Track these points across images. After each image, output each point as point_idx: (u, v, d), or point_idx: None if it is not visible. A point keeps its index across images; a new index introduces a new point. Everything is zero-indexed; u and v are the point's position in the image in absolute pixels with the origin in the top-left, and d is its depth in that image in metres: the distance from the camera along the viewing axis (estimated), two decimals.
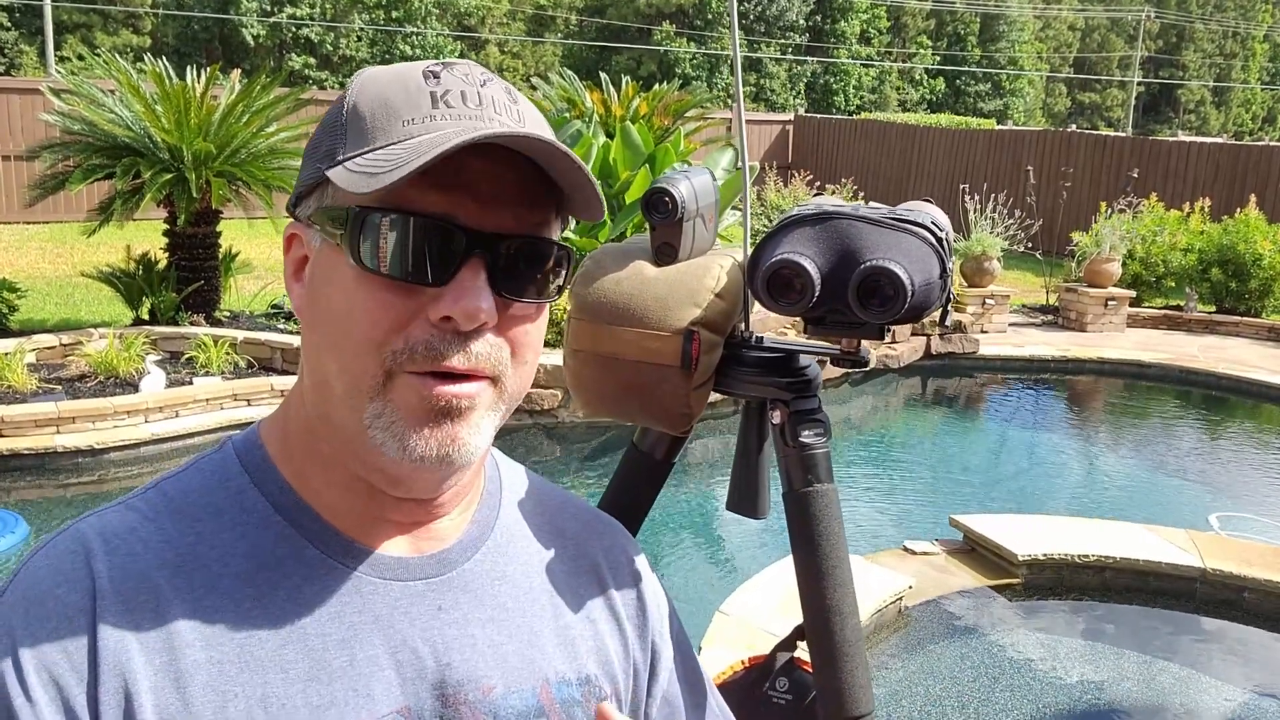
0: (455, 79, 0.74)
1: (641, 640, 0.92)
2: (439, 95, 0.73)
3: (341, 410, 0.74)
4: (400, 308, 0.71)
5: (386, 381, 0.72)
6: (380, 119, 0.72)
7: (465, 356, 0.71)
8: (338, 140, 0.74)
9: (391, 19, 36.40)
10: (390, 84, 0.74)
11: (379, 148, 0.71)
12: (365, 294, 0.71)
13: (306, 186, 0.76)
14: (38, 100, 13.06)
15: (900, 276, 0.99)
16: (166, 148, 7.47)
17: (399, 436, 0.71)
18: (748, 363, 1.18)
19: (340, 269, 0.72)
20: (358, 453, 0.74)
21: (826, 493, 1.14)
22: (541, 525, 0.90)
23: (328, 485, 0.77)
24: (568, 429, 6.94)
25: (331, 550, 0.76)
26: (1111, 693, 4.01)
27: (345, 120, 0.74)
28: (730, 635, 3.76)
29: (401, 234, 0.70)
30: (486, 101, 0.73)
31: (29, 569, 0.72)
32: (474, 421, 0.73)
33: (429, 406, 0.71)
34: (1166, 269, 11.63)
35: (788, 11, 42.94)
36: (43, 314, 8.88)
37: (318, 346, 0.75)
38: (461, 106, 0.72)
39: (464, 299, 0.70)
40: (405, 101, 0.73)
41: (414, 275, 0.70)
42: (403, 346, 0.71)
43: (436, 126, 0.71)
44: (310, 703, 0.71)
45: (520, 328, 0.76)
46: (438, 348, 0.71)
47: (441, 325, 0.71)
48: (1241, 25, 57.73)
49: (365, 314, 0.71)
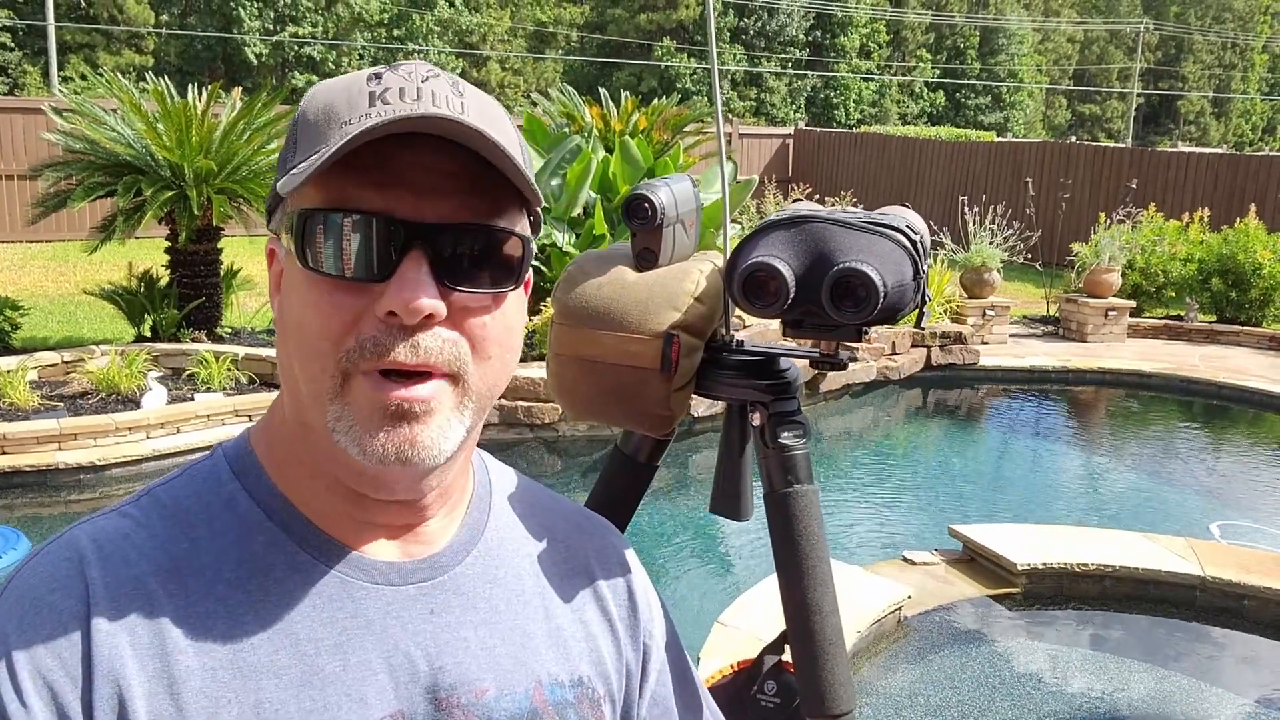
0: (397, 77, 0.73)
1: (633, 640, 0.92)
2: (377, 94, 0.72)
3: (312, 414, 0.74)
4: (350, 307, 0.71)
5: (344, 383, 0.72)
6: (321, 124, 0.72)
7: (412, 351, 0.71)
8: (289, 151, 0.75)
9: (393, 37, 36.56)
10: (335, 90, 0.74)
11: (315, 151, 0.71)
12: (316, 296, 0.72)
13: (273, 198, 0.77)
14: (40, 120, 13.10)
15: (872, 278, 1.00)
16: (168, 165, 7.50)
17: (357, 440, 0.72)
18: (728, 366, 1.19)
19: (296, 275, 0.73)
20: (331, 455, 0.75)
21: (806, 493, 1.15)
22: (532, 527, 0.91)
23: (313, 490, 0.78)
24: (568, 442, 6.94)
25: (323, 555, 0.76)
26: (1112, 702, 4.00)
27: (296, 130, 0.75)
28: (729, 646, 3.75)
29: (341, 233, 0.70)
30: (425, 95, 0.72)
31: (23, 575, 0.72)
32: (436, 424, 0.73)
33: (383, 409, 0.71)
34: (1166, 279, 11.62)
35: (788, 26, 43.09)
36: (45, 331, 8.91)
37: (287, 354, 0.75)
38: (398, 102, 0.71)
39: (404, 291, 0.69)
40: (345, 104, 0.72)
41: (357, 273, 0.71)
42: (354, 344, 0.71)
43: (368, 123, 0.70)
44: (303, 708, 0.72)
45: (476, 319, 0.74)
46: (384, 343, 0.70)
47: (388, 320, 0.70)
48: (1240, 36, 57.83)
49: (318, 316, 0.72)
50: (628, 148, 8.68)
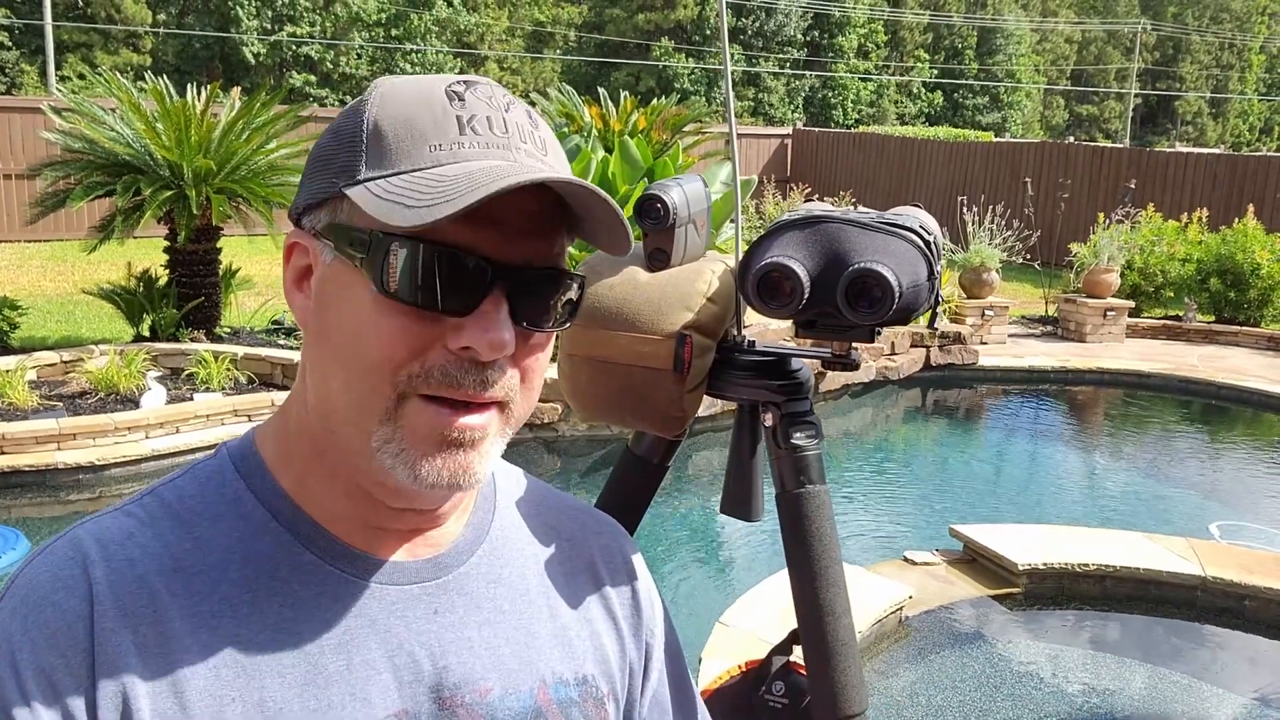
0: (479, 102, 0.73)
1: (636, 639, 0.92)
2: (465, 121, 0.72)
3: (348, 428, 0.73)
4: (419, 334, 0.71)
5: (398, 404, 0.71)
6: (405, 141, 0.71)
7: (481, 385, 0.72)
8: (356, 157, 0.72)
9: (391, 37, 36.53)
10: (413, 103, 0.73)
11: (405, 173, 0.70)
12: (383, 317, 0.71)
13: (317, 199, 0.75)
14: (38, 119, 13.11)
15: (888, 278, 1.00)
16: (167, 165, 7.49)
17: (409, 464, 0.72)
18: (740, 366, 1.19)
19: (355, 289, 0.72)
20: (365, 470, 0.75)
21: (818, 494, 1.15)
22: (537, 526, 0.91)
23: (329, 493, 0.77)
24: (568, 442, 6.94)
25: (327, 555, 0.76)
26: (1113, 701, 4.00)
27: (365, 136, 0.72)
28: (731, 646, 3.75)
29: (427, 263, 0.69)
30: (512, 129, 0.73)
31: (26, 575, 0.72)
32: (484, 450, 0.74)
33: (441, 437, 0.72)
34: (1165, 279, 11.64)
35: (786, 26, 43.12)
36: (44, 331, 8.89)
37: (324, 362, 0.74)
38: (488, 134, 0.72)
39: (490, 331, 0.70)
40: (431, 125, 0.72)
41: (439, 304, 0.70)
42: (419, 370, 0.71)
43: (465, 155, 0.71)
44: (307, 707, 0.72)
45: (533, 356, 0.76)
46: (454, 375, 0.71)
47: (460, 354, 0.71)
48: (1238, 37, 57.92)
49: (381, 337, 0.71)
50: (627, 147, 8.67)
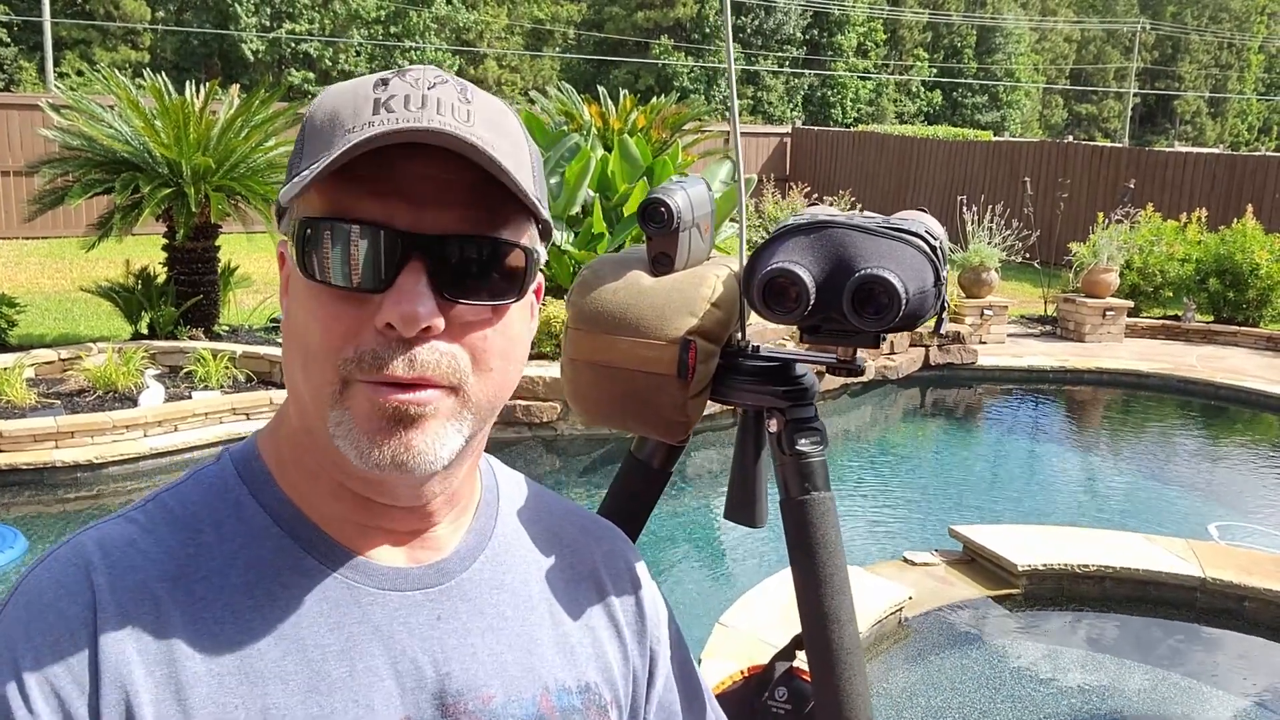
0: (404, 84, 0.72)
1: (640, 646, 0.92)
2: (382, 101, 0.71)
3: (314, 420, 0.74)
4: (349, 317, 0.71)
5: (344, 389, 0.71)
6: (326, 130, 0.72)
7: (409, 365, 0.70)
8: (296, 157, 0.74)
9: (390, 34, 36.50)
10: (341, 95, 0.74)
11: (319, 159, 0.70)
12: (317, 304, 0.72)
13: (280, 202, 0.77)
14: (37, 116, 13.08)
15: (894, 284, 1.00)
16: (165, 162, 7.48)
17: (356, 444, 0.71)
18: (744, 372, 1.18)
19: (298, 282, 0.73)
20: (334, 460, 0.75)
21: (823, 501, 1.14)
22: (540, 533, 0.90)
23: (320, 496, 0.77)
24: (566, 442, 6.93)
25: (330, 561, 0.76)
26: (1112, 702, 4.00)
27: (304, 135, 0.74)
28: (730, 647, 3.75)
29: (340, 242, 0.70)
30: (430, 103, 0.71)
31: (29, 582, 0.72)
32: (432, 430, 0.72)
33: (380, 413, 0.70)
34: (1164, 279, 11.64)
35: (785, 25, 43.10)
36: (41, 329, 8.88)
37: (290, 360, 0.75)
38: (402, 110, 0.70)
39: (402, 303, 0.69)
40: (350, 111, 0.72)
41: (355, 283, 0.70)
42: (353, 355, 0.70)
43: (370, 131, 0.69)
44: (310, 714, 0.72)
45: (476, 333, 0.73)
46: (381, 356, 0.70)
47: (386, 332, 0.70)
48: (1237, 37, 57.94)
49: (319, 324, 0.71)
50: (626, 146, 8.67)
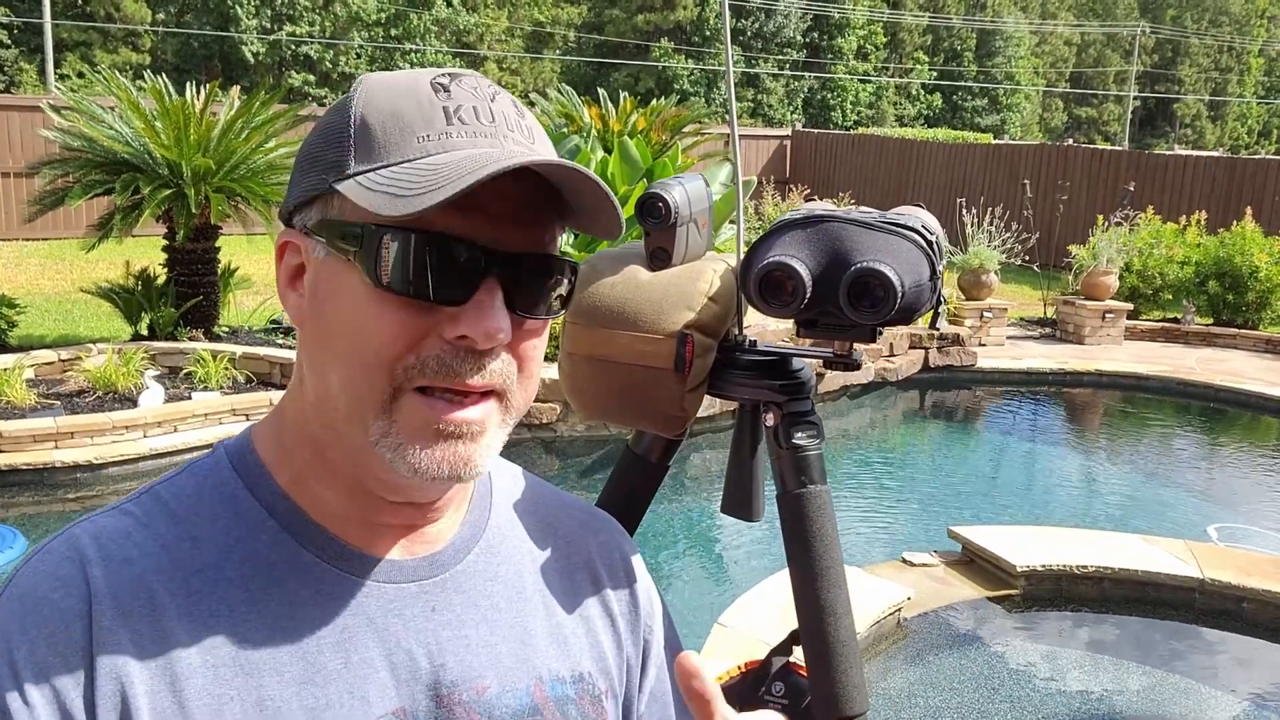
0: (465, 93, 0.74)
1: (634, 636, 0.92)
2: (452, 111, 0.72)
3: (347, 424, 0.74)
4: (415, 325, 0.71)
5: (394, 398, 0.72)
6: (393, 134, 0.72)
7: (480, 375, 0.72)
8: (345, 152, 0.73)
9: (390, 36, 36.53)
10: (400, 96, 0.73)
11: (394, 164, 0.70)
12: (379, 310, 0.71)
13: (307, 196, 0.75)
14: (37, 118, 13.10)
15: (890, 278, 1.00)
16: (166, 163, 7.49)
17: (406, 457, 0.72)
18: (741, 366, 1.19)
19: (349, 283, 0.72)
20: (365, 464, 0.75)
21: (820, 494, 1.15)
22: (534, 524, 0.90)
23: (330, 490, 0.77)
24: (566, 443, 6.94)
25: (325, 554, 0.76)
26: (1111, 703, 4.00)
27: (353, 131, 0.73)
28: (729, 647, 3.75)
29: (420, 253, 0.70)
30: (499, 118, 0.74)
31: (25, 574, 0.72)
32: (485, 442, 0.74)
33: (435, 429, 0.72)
34: (1164, 282, 11.65)
35: (785, 28, 43.13)
36: (42, 330, 8.88)
37: (321, 360, 0.74)
38: (475, 123, 0.72)
39: (485, 319, 0.70)
40: (418, 116, 0.72)
41: (431, 294, 0.70)
42: (414, 362, 0.71)
43: (454, 145, 0.71)
44: (305, 705, 0.72)
45: (529, 343, 0.76)
46: (451, 365, 0.71)
47: (456, 343, 0.71)
48: (1237, 40, 57.98)
49: (379, 330, 0.71)
50: (626, 148, 8.68)
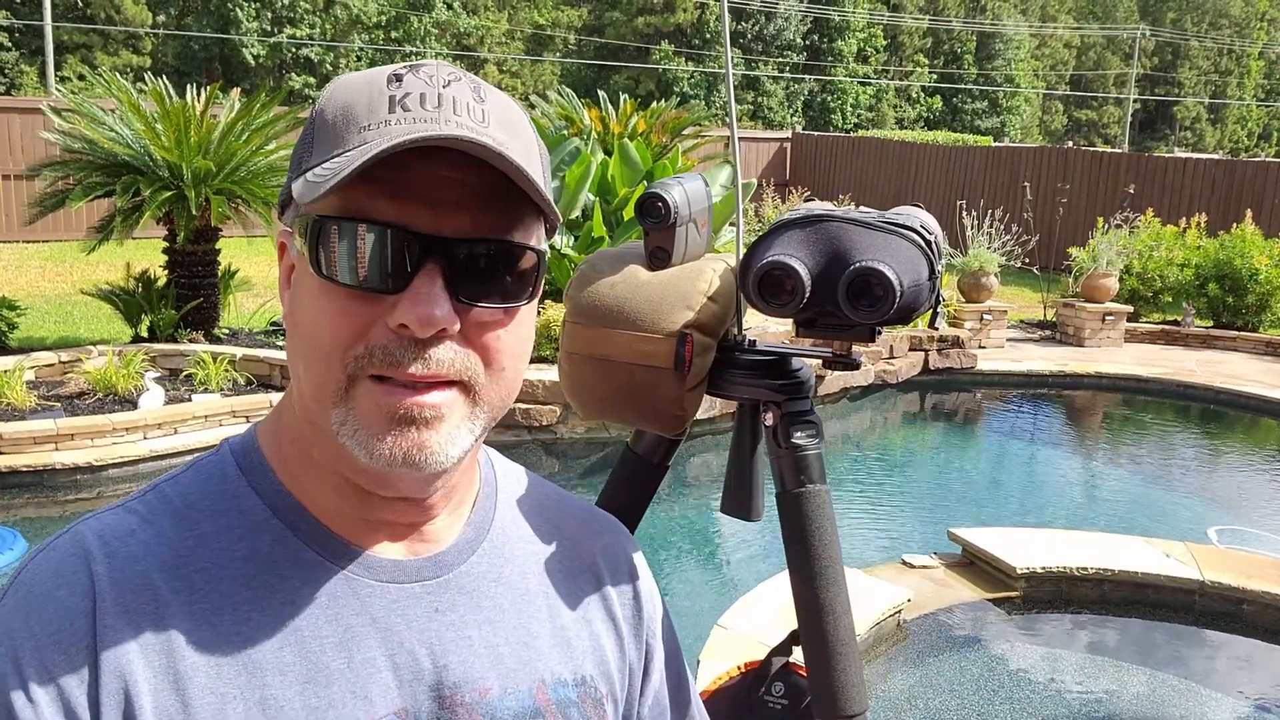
0: (418, 81, 0.73)
1: (636, 640, 0.92)
2: (397, 99, 0.71)
3: (317, 414, 0.74)
4: (360, 315, 0.71)
5: (349, 387, 0.72)
6: (340, 126, 0.72)
7: (423, 364, 0.71)
8: (305, 150, 0.74)
9: (391, 39, 36.56)
10: (354, 90, 0.73)
11: (334, 156, 0.70)
12: (327, 302, 0.72)
13: (286, 193, 0.76)
14: (38, 120, 13.11)
15: (889, 277, 1.00)
16: (166, 165, 7.49)
17: (363, 443, 0.72)
18: (740, 365, 1.19)
19: (308, 277, 0.73)
20: (341, 457, 0.75)
21: (819, 493, 1.15)
22: (538, 525, 0.90)
23: (320, 488, 0.78)
24: (566, 445, 6.93)
25: (328, 553, 0.76)
26: (1111, 705, 4.00)
27: (314, 129, 0.74)
28: (729, 648, 3.74)
29: (355, 242, 0.70)
30: (446, 102, 0.72)
31: (29, 572, 0.72)
32: (445, 430, 0.73)
33: (388, 414, 0.71)
34: (1164, 284, 11.65)
35: (785, 30, 43.16)
36: (42, 331, 8.89)
37: (293, 353, 0.76)
38: (419, 109, 0.71)
39: (418, 306, 0.69)
40: (365, 107, 0.72)
41: (370, 283, 0.70)
42: (363, 351, 0.71)
43: (389, 132, 0.69)
44: (308, 704, 0.72)
45: (490, 334, 0.74)
46: (394, 354, 0.71)
47: (399, 332, 0.70)
48: (1237, 43, 58.01)
49: (328, 322, 0.72)
50: (626, 150, 8.69)
